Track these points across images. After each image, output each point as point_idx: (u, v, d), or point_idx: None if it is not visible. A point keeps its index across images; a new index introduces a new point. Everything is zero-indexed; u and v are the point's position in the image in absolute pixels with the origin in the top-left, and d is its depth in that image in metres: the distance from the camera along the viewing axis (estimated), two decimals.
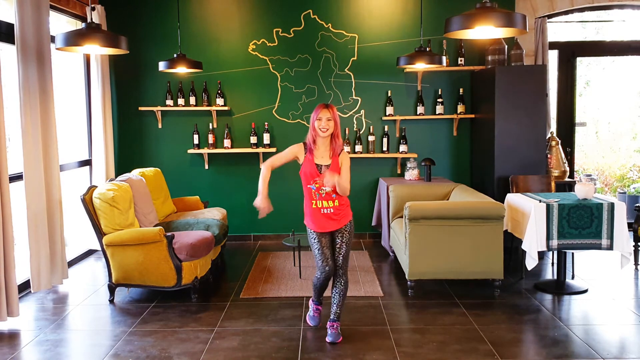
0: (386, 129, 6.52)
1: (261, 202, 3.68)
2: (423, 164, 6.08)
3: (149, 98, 6.50)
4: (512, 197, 5.01)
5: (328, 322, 3.79)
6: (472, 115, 6.44)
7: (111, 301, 4.59)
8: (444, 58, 5.41)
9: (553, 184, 5.77)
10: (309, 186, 3.70)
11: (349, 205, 3.79)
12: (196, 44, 6.39)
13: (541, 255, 5.60)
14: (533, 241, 4.44)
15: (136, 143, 6.57)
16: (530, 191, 5.63)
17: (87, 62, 6.10)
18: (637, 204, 5.50)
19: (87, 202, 4.56)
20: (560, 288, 4.70)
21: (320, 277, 3.75)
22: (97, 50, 4.16)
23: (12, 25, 4.43)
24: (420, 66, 5.48)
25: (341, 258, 3.75)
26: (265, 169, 3.74)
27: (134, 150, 6.58)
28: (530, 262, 4.48)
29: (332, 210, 3.68)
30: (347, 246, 3.77)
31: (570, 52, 6.76)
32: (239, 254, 6.10)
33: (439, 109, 6.43)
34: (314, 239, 3.73)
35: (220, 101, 6.42)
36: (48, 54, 4.71)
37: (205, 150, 6.41)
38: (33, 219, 4.50)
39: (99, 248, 5.51)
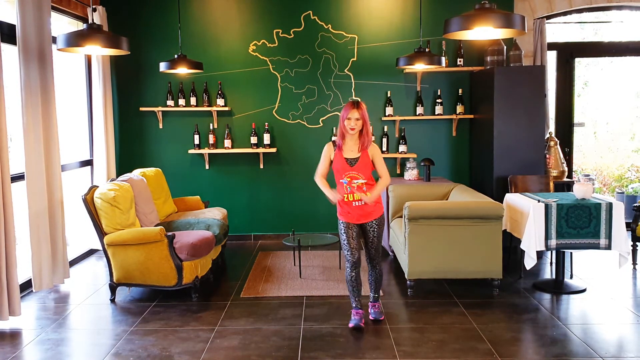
0: (386, 129, 6.54)
1: (334, 196, 3.90)
2: (422, 164, 6.11)
3: (150, 98, 6.52)
4: (510, 197, 5.04)
5: (369, 303, 4.20)
6: (471, 116, 6.46)
7: (112, 300, 4.61)
8: (443, 59, 5.43)
9: (551, 184, 5.79)
10: (341, 180, 3.90)
11: (380, 202, 3.98)
12: (197, 44, 6.42)
13: (540, 254, 5.62)
14: (532, 241, 4.46)
15: (137, 143, 6.60)
16: (528, 191, 5.65)
17: (89, 62, 6.12)
18: (635, 204, 5.53)
19: (89, 202, 4.58)
20: (558, 287, 4.72)
21: (347, 267, 3.97)
22: (98, 51, 4.18)
23: (14, 26, 4.45)
24: (420, 67, 5.50)
25: (373, 250, 4.03)
26: (320, 180, 4.00)
27: (135, 151, 6.60)
28: (529, 262, 4.51)
29: (362, 203, 3.87)
30: (378, 239, 4.01)
31: (569, 52, 6.79)
32: (240, 253, 6.12)
33: (438, 109, 6.46)
34: (342, 230, 3.95)
35: (220, 101, 6.44)
36: (49, 55, 4.73)
37: (205, 151, 6.43)
38: (35, 218, 4.52)
39: (100, 248, 5.53)
